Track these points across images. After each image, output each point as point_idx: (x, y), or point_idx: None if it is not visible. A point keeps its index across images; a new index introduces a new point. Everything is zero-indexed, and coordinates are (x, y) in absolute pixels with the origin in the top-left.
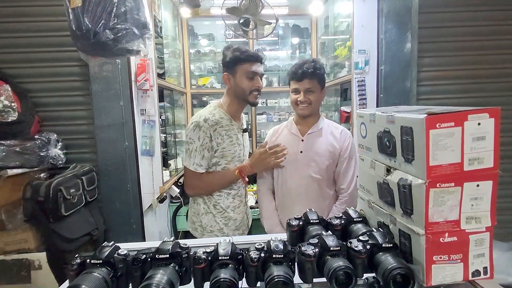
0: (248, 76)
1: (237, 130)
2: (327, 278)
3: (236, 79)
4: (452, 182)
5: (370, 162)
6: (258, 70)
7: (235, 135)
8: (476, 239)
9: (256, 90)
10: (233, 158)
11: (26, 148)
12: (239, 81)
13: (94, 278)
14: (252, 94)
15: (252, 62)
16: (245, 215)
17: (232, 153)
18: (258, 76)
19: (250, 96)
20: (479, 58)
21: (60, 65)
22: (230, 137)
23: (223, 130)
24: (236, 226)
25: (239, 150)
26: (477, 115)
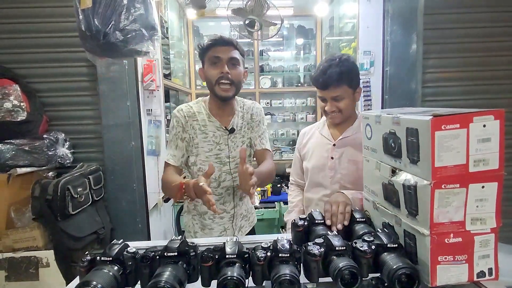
0: (212, 62)
1: (216, 128)
2: (333, 278)
3: (204, 71)
4: (457, 183)
5: (375, 163)
6: (221, 53)
7: (212, 132)
8: (481, 240)
9: (222, 77)
10: (208, 158)
11: (34, 147)
12: (206, 71)
13: (105, 275)
14: (218, 84)
15: (215, 46)
16: (230, 228)
17: (206, 151)
18: (224, 60)
19: (217, 88)
20: (483, 60)
21: (68, 66)
22: (205, 133)
23: (197, 124)
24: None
25: (218, 150)
26: (482, 117)
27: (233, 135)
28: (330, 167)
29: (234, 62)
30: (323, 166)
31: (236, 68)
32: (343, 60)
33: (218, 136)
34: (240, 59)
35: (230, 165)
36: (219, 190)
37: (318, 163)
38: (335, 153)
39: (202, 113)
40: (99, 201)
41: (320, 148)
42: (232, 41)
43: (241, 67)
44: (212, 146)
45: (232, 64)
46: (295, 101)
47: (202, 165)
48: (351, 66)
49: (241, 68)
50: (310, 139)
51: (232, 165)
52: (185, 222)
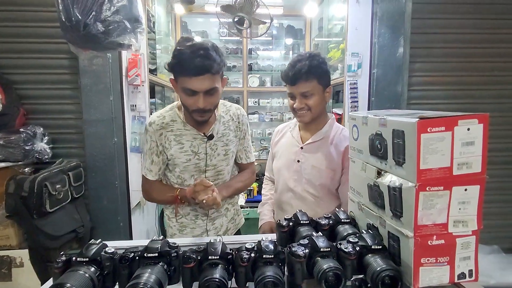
0: (186, 93)
1: (193, 136)
2: (317, 279)
3: (179, 92)
4: (442, 185)
5: (361, 165)
6: (198, 86)
7: (188, 142)
8: (462, 242)
9: (197, 110)
10: (186, 168)
11: (10, 141)
12: (180, 95)
13: (80, 277)
14: (194, 113)
15: (190, 75)
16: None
17: (183, 162)
18: (200, 93)
19: (194, 115)
20: (468, 65)
21: (48, 57)
22: (180, 143)
23: (172, 135)
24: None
25: (196, 159)
26: (467, 121)
27: (212, 142)
28: (295, 170)
29: (211, 92)
30: (289, 168)
31: (213, 96)
32: (313, 55)
33: (196, 145)
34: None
35: (208, 173)
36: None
37: (284, 164)
38: (301, 157)
39: (177, 122)
40: (79, 199)
41: (289, 149)
42: (208, 67)
43: (219, 89)
44: (190, 156)
45: (210, 94)
46: (283, 100)
47: (181, 173)
48: (321, 61)
49: (219, 89)
50: (281, 138)
51: (210, 173)
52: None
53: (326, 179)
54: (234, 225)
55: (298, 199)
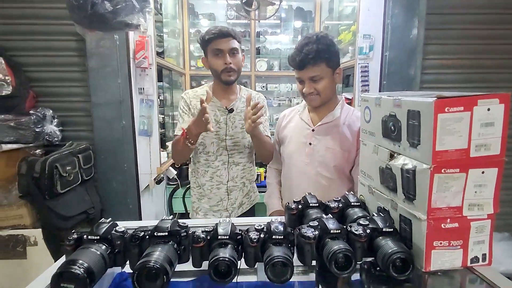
0: (215, 54)
1: (217, 108)
2: (327, 261)
3: (208, 61)
4: (458, 168)
5: (373, 147)
6: (223, 46)
7: (212, 111)
8: (477, 226)
9: (226, 68)
10: (208, 133)
11: (21, 123)
12: (210, 62)
13: (92, 253)
14: (223, 73)
15: (216, 39)
16: (226, 200)
17: None
18: (226, 51)
19: (222, 75)
20: (486, 47)
21: (55, 39)
22: None
23: (197, 104)
24: (210, 206)
25: (216, 127)
26: (487, 100)
27: (232, 115)
28: (307, 153)
29: (234, 51)
30: (300, 152)
31: (236, 56)
32: (320, 37)
33: (218, 116)
34: (238, 47)
35: (227, 142)
36: (216, 163)
37: (295, 149)
38: (313, 139)
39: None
40: (89, 181)
41: (299, 133)
42: (230, 32)
43: (240, 54)
44: (212, 124)
45: (233, 53)
46: (291, 85)
47: (203, 140)
48: (329, 43)
49: (240, 55)
50: (289, 123)
51: (229, 142)
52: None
53: (341, 160)
54: (249, 201)
55: (311, 183)
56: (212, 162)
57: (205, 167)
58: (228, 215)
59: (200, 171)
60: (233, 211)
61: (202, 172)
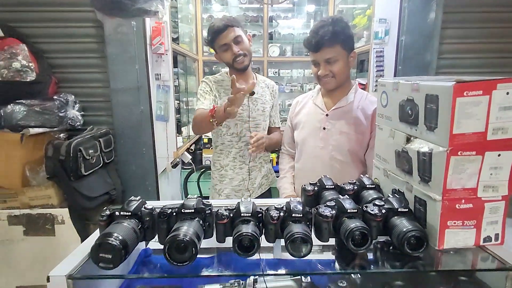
0: (223, 50)
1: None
2: (344, 238)
3: (219, 55)
4: (474, 150)
5: (389, 131)
6: (226, 39)
7: None
8: (491, 207)
9: (236, 57)
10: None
11: (46, 108)
12: (220, 56)
13: (125, 228)
14: (235, 62)
15: (218, 35)
16: (247, 180)
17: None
18: (230, 43)
19: (235, 64)
20: (505, 31)
21: (74, 26)
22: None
23: (222, 89)
24: (232, 186)
25: (241, 110)
26: (506, 84)
27: (254, 98)
28: (321, 138)
29: (238, 39)
30: (314, 136)
31: (242, 42)
32: (336, 20)
33: None
34: (241, 33)
35: (250, 123)
36: (240, 144)
37: (309, 133)
38: (327, 124)
39: (226, 80)
40: (110, 164)
41: (313, 117)
42: (227, 23)
43: (244, 37)
44: None
45: (237, 41)
46: (304, 71)
47: (227, 122)
48: (344, 25)
49: (245, 38)
50: (302, 109)
51: (252, 124)
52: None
53: (355, 143)
54: (268, 182)
55: (325, 167)
56: (236, 143)
57: (228, 148)
58: (249, 195)
59: (224, 152)
60: (253, 192)
61: (226, 153)
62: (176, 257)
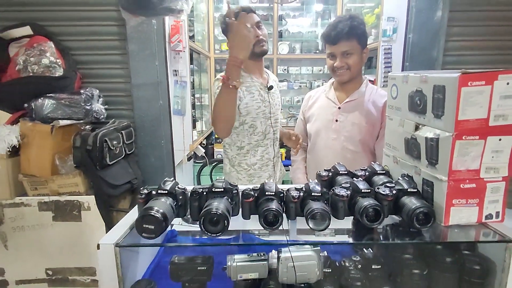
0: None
1: (259, 87)
2: (358, 215)
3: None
4: (477, 135)
5: (399, 121)
6: (249, 21)
7: (257, 91)
8: (492, 187)
9: (258, 40)
10: (258, 114)
11: (73, 101)
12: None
13: (163, 203)
14: (256, 46)
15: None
16: (272, 175)
17: (255, 109)
18: (253, 26)
19: (256, 47)
20: (509, 29)
21: (98, 24)
22: (251, 93)
23: (243, 86)
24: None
25: (264, 107)
26: (507, 75)
27: (271, 92)
28: (334, 129)
29: (259, 24)
30: (327, 128)
31: (263, 29)
32: (353, 17)
33: (263, 94)
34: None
35: (272, 119)
36: (265, 141)
37: (322, 125)
38: (340, 116)
39: (244, 76)
40: (131, 156)
41: (325, 111)
42: (252, 8)
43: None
44: (260, 104)
45: (259, 26)
46: (312, 68)
47: (253, 122)
48: (360, 22)
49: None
50: (315, 103)
51: (273, 119)
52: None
53: (366, 134)
54: (281, 174)
55: (337, 156)
56: (262, 141)
57: (255, 147)
58: None
59: (251, 152)
60: None
61: (253, 153)
62: (210, 228)
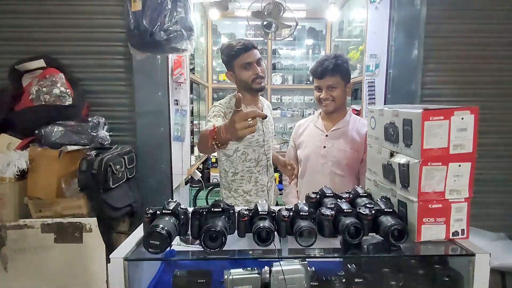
0: (244, 67)
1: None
2: (341, 232)
3: (236, 74)
4: (440, 162)
5: (377, 149)
6: (251, 58)
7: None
8: (456, 207)
9: (257, 77)
10: (251, 143)
11: (80, 128)
12: (239, 74)
13: (167, 222)
14: (254, 82)
15: (243, 53)
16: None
17: (249, 138)
18: (254, 63)
19: (253, 84)
20: (477, 66)
21: (107, 58)
22: None
23: None
24: None
25: (258, 135)
26: (461, 112)
27: (265, 121)
28: (322, 155)
29: (259, 61)
30: (316, 154)
31: (262, 65)
32: (338, 56)
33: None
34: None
35: (265, 147)
36: (258, 168)
37: (311, 152)
38: (327, 143)
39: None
40: (132, 179)
41: (314, 138)
42: (253, 44)
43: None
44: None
45: (259, 63)
46: (304, 97)
47: (245, 149)
48: (344, 61)
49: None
50: (305, 130)
51: (266, 147)
52: None
53: (351, 159)
54: (275, 196)
55: (326, 180)
56: (254, 167)
57: (248, 174)
58: None
59: (246, 178)
60: None
61: (247, 179)
62: (209, 244)
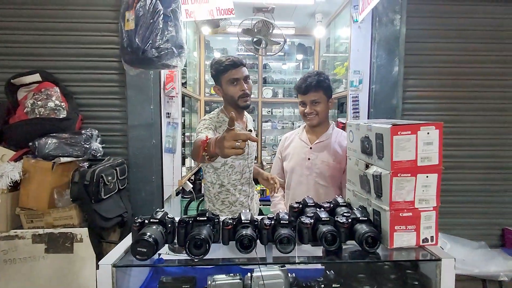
0: (231, 83)
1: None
2: (319, 239)
3: (223, 89)
4: (409, 173)
5: (355, 161)
6: (239, 75)
7: None
8: (425, 215)
9: (243, 94)
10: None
11: (74, 140)
12: (226, 89)
13: (155, 230)
14: (240, 99)
15: (231, 69)
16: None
17: None
18: (241, 80)
19: (239, 101)
20: (454, 82)
21: (100, 73)
22: None
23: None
24: None
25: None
26: (427, 127)
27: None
28: (306, 167)
29: (247, 78)
30: (301, 166)
31: (249, 82)
32: (320, 73)
33: None
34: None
35: (248, 160)
36: (242, 180)
37: (296, 163)
38: (311, 155)
39: (226, 121)
40: (123, 191)
41: (299, 150)
42: (242, 61)
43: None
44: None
45: (247, 81)
46: (294, 110)
47: (232, 162)
48: (326, 77)
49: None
50: (290, 143)
51: (249, 160)
52: None
53: (334, 170)
54: (257, 206)
55: (310, 190)
56: (239, 180)
57: (234, 186)
58: None
59: (231, 190)
60: None
61: (232, 191)
62: (194, 251)
